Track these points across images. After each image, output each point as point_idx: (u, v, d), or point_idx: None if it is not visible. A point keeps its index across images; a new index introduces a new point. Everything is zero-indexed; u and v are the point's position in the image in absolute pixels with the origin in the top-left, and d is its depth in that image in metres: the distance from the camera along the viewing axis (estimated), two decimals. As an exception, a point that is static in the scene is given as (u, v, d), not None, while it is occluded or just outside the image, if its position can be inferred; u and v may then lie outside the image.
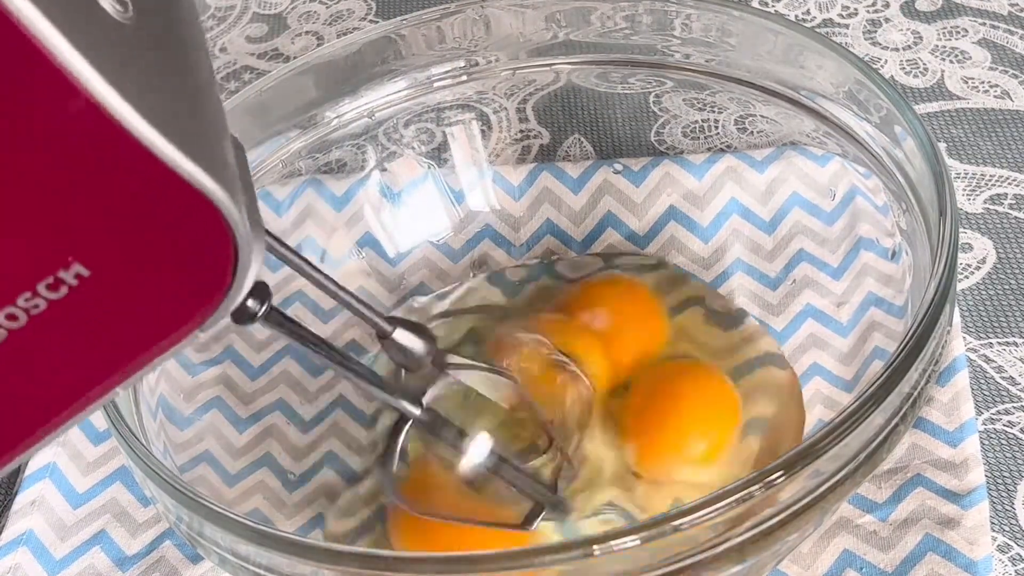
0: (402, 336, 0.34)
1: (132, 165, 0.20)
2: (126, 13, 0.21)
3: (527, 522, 0.36)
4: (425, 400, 0.34)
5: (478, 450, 0.35)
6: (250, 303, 0.27)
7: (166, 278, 0.22)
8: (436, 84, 0.47)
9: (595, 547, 0.27)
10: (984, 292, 0.46)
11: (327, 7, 0.66)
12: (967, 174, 0.50)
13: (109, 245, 0.21)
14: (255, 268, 0.22)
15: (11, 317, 0.21)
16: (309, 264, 0.32)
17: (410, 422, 0.35)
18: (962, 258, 0.47)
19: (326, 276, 0.32)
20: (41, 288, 0.21)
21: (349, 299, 0.33)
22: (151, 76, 0.21)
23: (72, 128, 0.19)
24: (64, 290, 0.21)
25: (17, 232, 0.20)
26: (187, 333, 0.23)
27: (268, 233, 0.31)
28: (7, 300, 0.21)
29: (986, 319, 0.45)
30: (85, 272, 0.21)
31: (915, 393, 0.31)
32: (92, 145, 0.19)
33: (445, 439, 0.35)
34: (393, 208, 0.48)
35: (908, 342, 0.31)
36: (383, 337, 0.34)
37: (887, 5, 0.60)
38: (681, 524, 0.28)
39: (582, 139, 0.52)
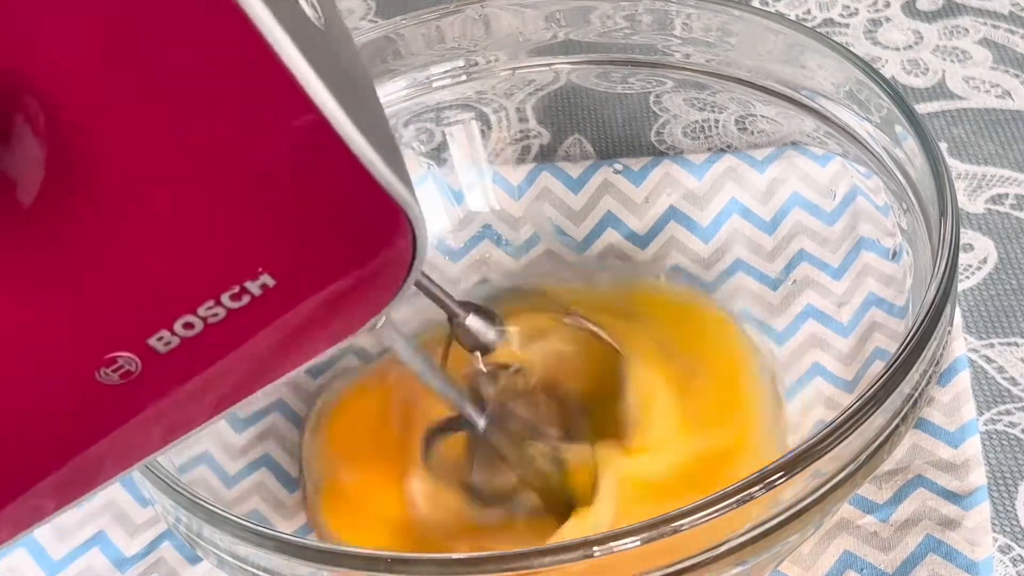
0: (474, 322, 0.34)
1: (342, 178, 0.19)
2: (319, 18, 0.20)
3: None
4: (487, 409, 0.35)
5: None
6: None
7: (347, 285, 0.21)
8: (436, 84, 0.47)
9: (595, 548, 0.27)
10: (985, 292, 0.46)
11: (327, 7, 0.65)
12: (968, 174, 0.50)
13: (301, 255, 0.20)
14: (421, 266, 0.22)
15: (188, 326, 0.21)
16: None
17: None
18: (963, 258, 0.47)
19: None
20: (225, 297, 0.20)
21: (424, 281, 0.33)
22: (349, 85, 0.20)
23: (295, 141, 0.19)
24: (246, 299, 0.20)
25: (216, 240, 0.20)
26: (349, 335, 0.23)
27: None
28: (189, 309, 0.20)
29: (987, 319, 0.45)
30: (271, 283, 0.20)
31: (916, 394, 0.31)
32: (310, 157, 0.19)
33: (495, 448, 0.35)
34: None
35: (909, 343, 0.31)
36: (454, 320, 0.34)
37: (888, 4, 0.60)
38: (681, 524, 0.28)
39: (582, 139, 0.52)
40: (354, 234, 0.21)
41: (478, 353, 0.36)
